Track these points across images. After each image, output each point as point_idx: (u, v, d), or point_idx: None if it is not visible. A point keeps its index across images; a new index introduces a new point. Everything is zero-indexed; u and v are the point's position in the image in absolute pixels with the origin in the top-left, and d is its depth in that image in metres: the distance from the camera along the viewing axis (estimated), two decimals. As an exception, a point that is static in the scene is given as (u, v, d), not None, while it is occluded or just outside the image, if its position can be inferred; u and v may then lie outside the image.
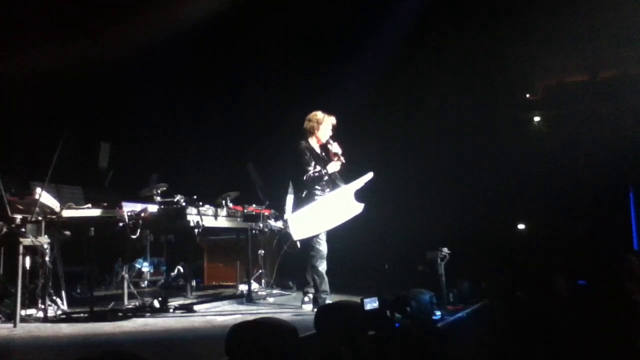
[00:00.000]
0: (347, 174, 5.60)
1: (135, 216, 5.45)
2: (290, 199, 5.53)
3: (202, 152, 9.01)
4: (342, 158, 5.46)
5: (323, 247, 5.36)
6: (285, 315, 5.13)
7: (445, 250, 5.27)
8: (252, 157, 8.42)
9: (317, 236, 5.33)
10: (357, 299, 5.18)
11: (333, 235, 5.54)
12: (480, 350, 3.68)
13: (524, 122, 10.21)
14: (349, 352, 2.78)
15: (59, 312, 5.20)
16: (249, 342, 2.49)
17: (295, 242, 5.76)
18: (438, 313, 4.07)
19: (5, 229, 4.88)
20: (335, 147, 5.47)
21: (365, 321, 2.85)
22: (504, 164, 8.90)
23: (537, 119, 10.17)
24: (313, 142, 5.55)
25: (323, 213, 5.28)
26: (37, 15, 7.32)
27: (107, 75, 8.13)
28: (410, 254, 7.94)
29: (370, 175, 5.33)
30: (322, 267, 5.33)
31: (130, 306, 5.40)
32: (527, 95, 10.29)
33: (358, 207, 5.31)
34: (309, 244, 5.38)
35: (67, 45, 7.67)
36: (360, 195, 5.39)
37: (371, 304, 2.79)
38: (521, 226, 9.67)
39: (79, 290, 6.61)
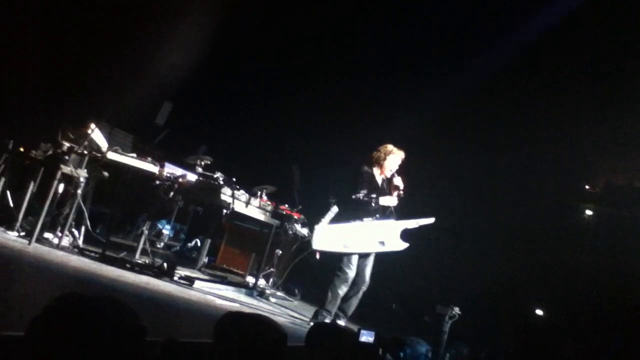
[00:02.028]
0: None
1: (172, 179, 5.54)
2: (334, 211, 5.55)
3: (254, 140, 9.10)
4: (401, 193, 5.49)
5: (351, 272, 5.33)
6: (281, 319, 5.11)
7: (457, 310, 5.15)
8: (299, 160, 8.46)
9: (349, 259, 5.32)
10: (353, 327, 5.16)
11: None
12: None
13: (574, 210, 9.93)
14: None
15: (74, 244, 5.32)
16: (238, 332, 2.47)
17: (314, 251, 5.76)
18: (429, 368, 3.98)
19: (50, 152, 5.04)
20: (397, 181, 5.52)
21: (356, 352, 2.80)
22: (541, 244, 8.65)
23: (589, 212, 9.87)
24: (376, 172, 5.60)
25: (354, 236, 5.30)
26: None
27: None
28: (420, 302, 7.82)
29: (430, 220, 5.36)
30: (341, 289, 5.32)
31: (140, 261, 5.47)
32: (587, 187, 10.01)
33: (399, 245, 5.33)
34: (339, 263, 5.39)
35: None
36: (410, 235, 5.41)
37: (367, 336, 2.74)
38: (539, 312, 9.38)
39: (98, 230, 6.75)
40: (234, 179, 5.79)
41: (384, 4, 8.70)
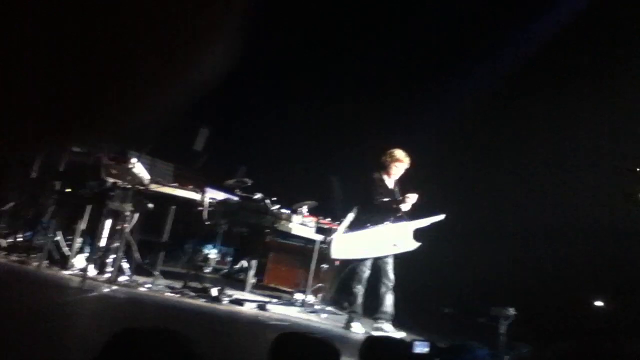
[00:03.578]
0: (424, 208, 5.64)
1: (215, 204, 5.62)
2: (349, 218, 5.72)
3: (292, 154, 9.15)
4: (408, 203, 5.62)
5: (364, 273, 5.58)
6: (332, 335, 5.10)
7: (512, 310, 5.04)
8: (339, 172, 8.47)
9: (362, 262, 5.56)
10: (408, 336, 5.11)
11: (401, 267, 5.60)
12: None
13: (629, 194, 9.57)
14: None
15: (125, 277, 5.44)
16: (292, 353, 2.49)
17: (332, 260, 5.96)
18: (489, 374, 3.88)
19: (96, 189, 5.20)
20: (412, 198, 5.62)
21: (411, 363, 2.77)
22: (597, 232, 8.37)
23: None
24: (385, 176, 5.86)
25: (370, 241, 5.46)
26: None
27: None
28: (474, 303, 7.67)
29: (440, 217, 5.46)
30: (357, 289, 5.58)
31: (191, 289, 5.56)
32: (638, 169, 9.63)
33: (412, 245, 5.48)
34: (353, 266, 5.70)
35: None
36: (423, 234, 5.46)
37: (421, 348, 2.70)
38: (599, 303, 9.06)
39: (147, 260, 6.89)
40: (275, 199, 5.84)
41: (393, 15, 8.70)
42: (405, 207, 5.65)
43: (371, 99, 8.93)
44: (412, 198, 5.62)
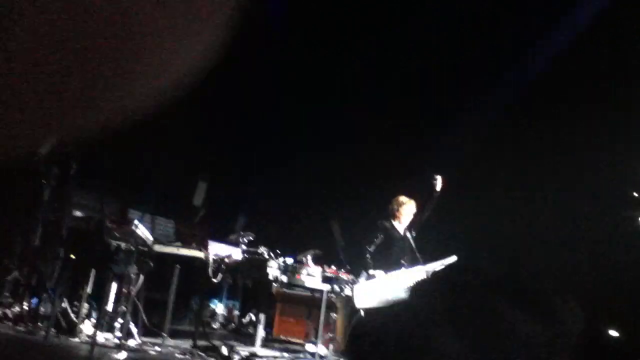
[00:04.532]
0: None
1: (219, 260, 5.60)
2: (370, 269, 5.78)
3: (290, 203, 9.17)
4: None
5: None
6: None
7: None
8: (337, 216, 8.46)
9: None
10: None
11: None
12: None
13: (628, 219, 9.57)
14: None
15: (133, 341, 5.37)
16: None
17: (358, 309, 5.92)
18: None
19: (100, 254, 5.18)
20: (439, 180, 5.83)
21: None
22: (599, 260, 8.33)
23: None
24: (396, 223, 6.02)
25: (390, 287, 5.51)
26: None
27: (213, 117, 8.63)
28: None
29: (453, 259, 5.46)
30: None
31: (201, 347, 5.49)
32: (635, 194, 9.67)
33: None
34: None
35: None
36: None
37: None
38: (614, 333, 8.92)
39: (154, 321, 6.81)
40: (278, 251, 5.83)
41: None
42: (437, 188, 5.79)
43: (371, 144, 9.00)
44: (439, 180, 5.78)
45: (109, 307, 5.34)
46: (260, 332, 6.72)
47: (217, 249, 6.37)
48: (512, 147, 8.71)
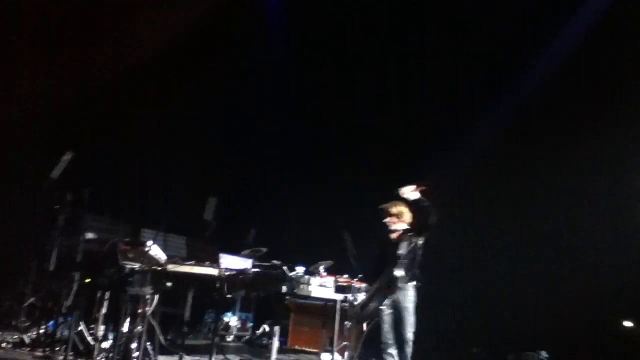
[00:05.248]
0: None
1: (232, 276, 5.64)
2: None
3: (301, 214, 9.21)
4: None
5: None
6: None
7: (544, 354, 4.98)
8: (348, 226, 8.48)
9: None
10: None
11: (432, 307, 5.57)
12: None
13: (636, 211, 9.52)
14: None
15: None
16: None
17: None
18: None
19: (114, 277, 5.22)
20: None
21: None
22: (610, 253, 8.30)
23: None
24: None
25: None
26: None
27: (220, 134, 8.71)
28: (502, 344, 7.58)
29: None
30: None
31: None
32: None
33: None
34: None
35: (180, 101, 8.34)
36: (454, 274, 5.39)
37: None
38: (628, 323, 8.89)
39: (169, 337, 6.86)
40: (291, 264, 5.86)
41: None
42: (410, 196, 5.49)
43: (380, 151, 9.02)
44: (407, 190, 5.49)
45: (125, 328, 5.37)
46: (276, 344, 6.75)
47: (229, 262, 6.41)
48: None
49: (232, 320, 7.95)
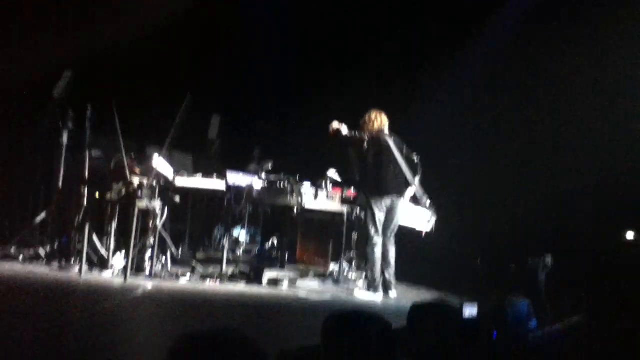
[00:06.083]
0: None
1: (240, 189, 5.69)
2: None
3: (306, 128, 9.16)
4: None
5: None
6: (375, 306, 5.22)
7: (549, 258, 5.07)
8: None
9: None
10: (445, 294, 5.19)
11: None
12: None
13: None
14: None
15: (165, 271, 5.56)
16: (345, 332, 2.55)
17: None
18: (534, 324, 3.95)
19: (124, 191, 5.28)
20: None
21: (461, 328, 2.83)
22: (614, 164, 8.29)
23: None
24: None
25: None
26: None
27: (224, 49, 8.53)
28: (504, 253, 7.71)
29: None
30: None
31: (229, 274, 5.69)
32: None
33: None
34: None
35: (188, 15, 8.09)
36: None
37: (470, 310, 2.75)
38: (630, 236, 9.01)
39: (180, 251, 7.02)
40: (298, 176, 5.89)
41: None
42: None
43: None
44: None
45: (137, 241, 5.49)
46: (284, 256, 6.93)
47: (236, 179, 6.46)
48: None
49: (241, 234, 8.09)
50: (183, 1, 7.99)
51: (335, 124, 5.79)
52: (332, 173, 6.71)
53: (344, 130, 5.78)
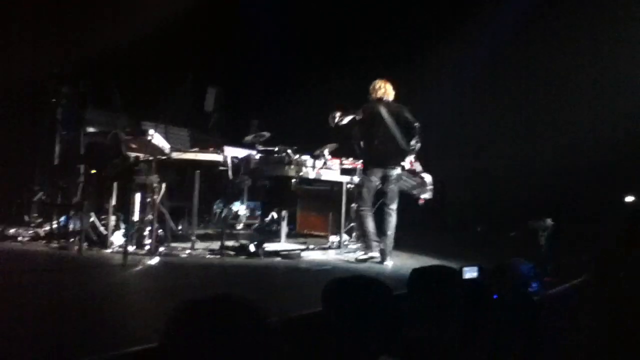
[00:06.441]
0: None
1: (237, 162, 5.65)
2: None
3: (304, 99, 9.08)
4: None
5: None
6: (374, 272, 5.22)
7: (549, 221, 5.06)
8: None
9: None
10: (446, 262, 5.18)
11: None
12: (577, 327, 3.55)
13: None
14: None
15: (163, 246, 5.54)
16: (346, 297, 2.53)
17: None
18: (536, 285, 3.94)
19: (120, 167, 5.24)
20: None
21: (461, 290, 2.81)
22: (615, 128, 8.24)
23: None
24: None
25: None
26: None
27: (220, 23, 8.40)
28: (505, 219, 7.72)
29: None
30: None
31: (229, 247, 5.67)
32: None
33: None
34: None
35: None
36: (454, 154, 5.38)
37: (470, 273, 2.74)
38: (629, 198, 9.00)
39: (180, 227, 7.00)
40: (295, 147, 5.84)
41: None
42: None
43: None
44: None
45: (136, 217, 5.46)
46: (284, 229, 6.91)
47: (233, 153, 6.41)
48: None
49: (240, 209, 8.06)
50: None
51: (336, 118, 5.78)
52: (332, 147, 6.68)
53: (344, 120, 5.89)
